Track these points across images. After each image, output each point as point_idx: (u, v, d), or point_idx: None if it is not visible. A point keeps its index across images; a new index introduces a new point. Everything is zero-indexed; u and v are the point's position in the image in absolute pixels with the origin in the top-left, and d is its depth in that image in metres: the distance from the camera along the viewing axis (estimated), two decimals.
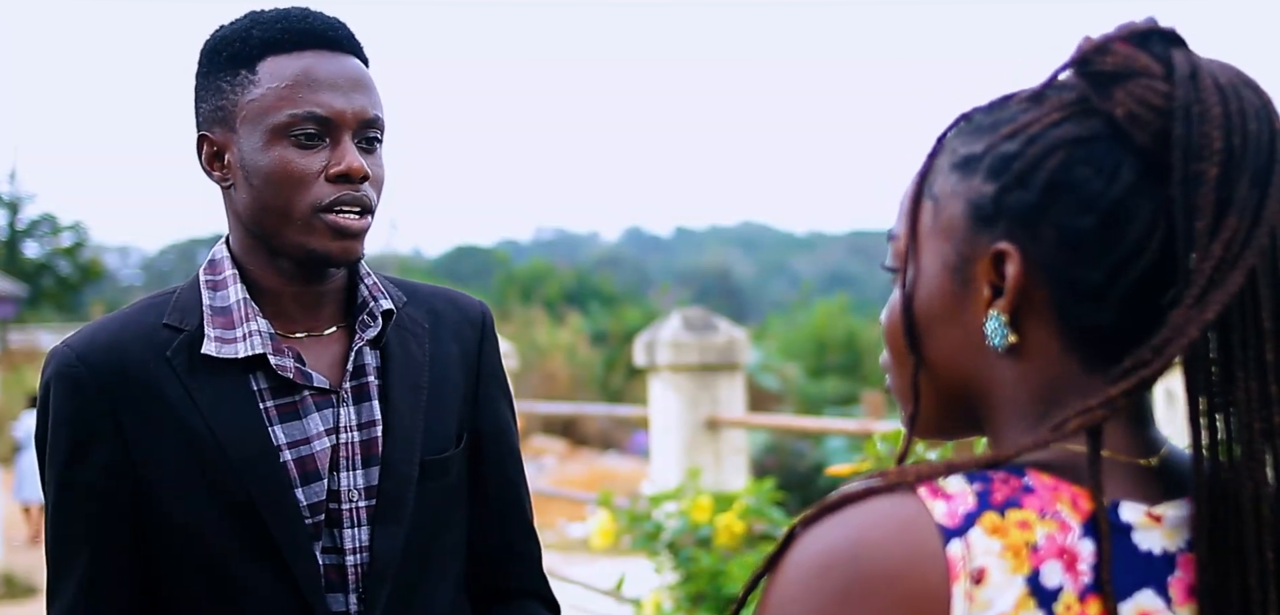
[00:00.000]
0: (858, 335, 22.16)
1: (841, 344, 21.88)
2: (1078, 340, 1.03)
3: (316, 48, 1.75)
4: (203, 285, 1.80)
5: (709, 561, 4.90)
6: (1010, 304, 1.03)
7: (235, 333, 1.75)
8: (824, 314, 22.85)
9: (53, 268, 33.28)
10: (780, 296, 46.56)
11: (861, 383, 19.22)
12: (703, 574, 4.89)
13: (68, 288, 33.54)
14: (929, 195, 1.09)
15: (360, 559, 1.78)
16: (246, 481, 1.71)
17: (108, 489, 1.72)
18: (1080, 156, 1.01)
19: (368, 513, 1.79)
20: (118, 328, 1.77)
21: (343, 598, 1.77)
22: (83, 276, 33.85)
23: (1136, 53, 1.02)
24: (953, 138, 1.09)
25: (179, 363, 1.73)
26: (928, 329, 1.09)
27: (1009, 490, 0.97)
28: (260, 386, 1.75)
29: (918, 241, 1.09)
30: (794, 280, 51.14)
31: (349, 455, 1.78)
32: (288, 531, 1.72)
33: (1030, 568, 0.95)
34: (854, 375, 20.81)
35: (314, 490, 1.75)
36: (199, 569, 1.73)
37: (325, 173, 1.72)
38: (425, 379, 1.86)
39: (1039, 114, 1.04)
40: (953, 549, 0.94)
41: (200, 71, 1.79)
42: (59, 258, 33.64)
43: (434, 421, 1.85)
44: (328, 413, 1.78)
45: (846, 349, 21.78)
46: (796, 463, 13.33)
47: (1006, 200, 1.03)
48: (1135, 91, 1.00)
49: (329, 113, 1.72)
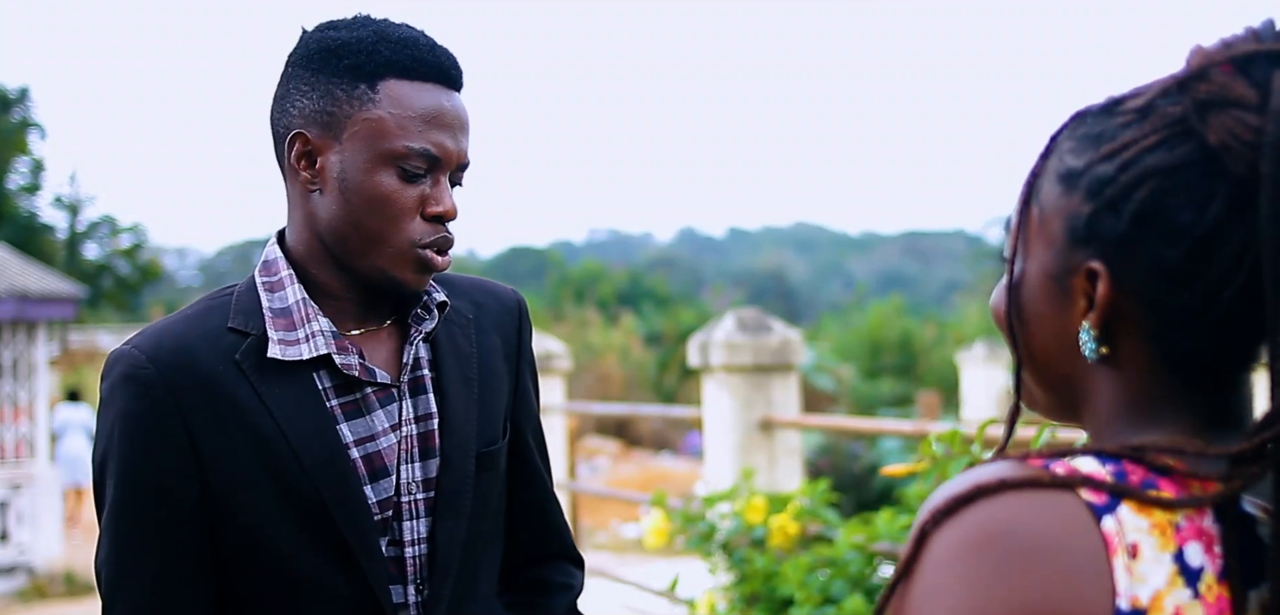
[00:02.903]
0: (912, 336, 22.07)
1: (896, 345, 21.79)
2: (1170, 360, 1.04)
3: (438, 82, 1.75)
4: (260, 287, 1.79)
5: (763, 562, 4.89)
6: (1099, 320, 1.04)
7: (297, 334, 1.75)
8: (878, 315, 22.77)
9: (112, 269, 33.59)
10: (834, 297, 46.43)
11: (916, 383, 19.14)
12: (757, 575, 4.88)
13: (127, 289, 33.84)
14: (1036, 201, 1.10)
15: (418, 551, 1.79)
16: (319, 482, 1.71)
17: (178, 492, 1.71)
18: (1171, 185, 1.01)
19: (426, 505, 1.80)
20: (183, 331, 1.76)
21: (402, 590, 1.78)
22: (142, 278, 34.16)
23: (1234, 80, 1.00)
24: (1063, 140, 1.09)
25: (248, 366, 1.73)
26: (1031, 324, 1.11)
27: (1142, 472, 0.98)
28: (324, 385, 1.75)
29: (1026, 242, 1.11)
30: (848, 281, 50.99)
31: (408, 449, 1.79)
32: (358, 530, 1.73)
33: (1176, 546, 0.96)
34: (908, 376, 20.73)
35: (382, 486, 1.76)
36: (268, 569, 1.73)
37: (422, 209, 1.73)
38: (475, 372, 1.88)
39: (1138, 134, 1.03)
40: (1107, 525, 0.95)
41: (306, 66, 1.76)
42: (118, 259, 33.95)
43: (485, 414, 1.87)
44: (392, 408, 1.79)
45: (901, 350, 21.70)
46: (851, 464, 13.29)
47: (1098, 224, 1.04)
48: (1227, 123, 0.99)
49: (440, 153, 1.73)
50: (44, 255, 26.10)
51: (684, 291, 40.16)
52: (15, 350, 13.66)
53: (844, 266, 72.48)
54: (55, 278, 14.74)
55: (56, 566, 13.49)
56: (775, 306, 34.79)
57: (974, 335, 19.08)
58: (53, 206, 32.80)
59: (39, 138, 32.75)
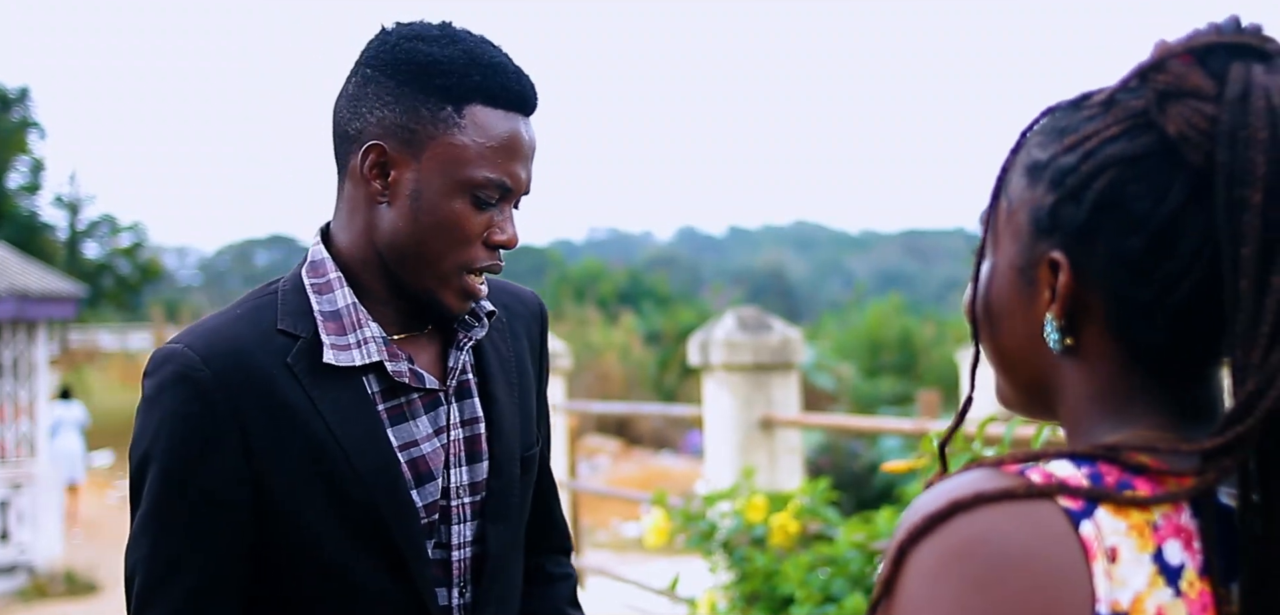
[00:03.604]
0: (912, 334, 22.07)
1: (896, 343, 21.80)
2: (1135, 351, 1.04)
3: (520, 111, 1.74)
4: (309, 289, 1.76)
5: (763, 561, 4.89)
6: (1060, 311, 1.04)
7: (348, 339, 1.74)
8: (878, 313, 22.77)
9: (112, 268, 33.56)
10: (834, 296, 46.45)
11: (916, 382, 19.14)
12: (757, 574, 4.89)
13: (127, 288, 33.81)
14: (1005, 195, 1.10)
15: (464, 554, 1.80)
16: (371, 487, 1.70)
17: (228, 495, 1.68)
18: (1131, 175, 1.01)
19: (473, 509, 1.81)
20: (235, 331, 1.72)
21: (446, 592, 1.79)
22: (142, 277, 34.12)
23: (1191, 70, 1.01)
24: (1032, 135, 1.09)
25: (300, 370, 1.71)
26: (999, 319, 1.11)
27: (1117, 473, 0.98)
28: (373, 390, 1.75)
29: (994, 236, 1.11)
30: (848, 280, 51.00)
31: (456, 453, 1.80)
32: (408, 534, 1.73)
33: (1154, 546, 0.96)
34: (908, 374, 20.73)
35: (428, 490, 1.76)
36: (318, 573, 1.72)
37: (486, 236, 1.73)
38: (514, 376, 1.89)
39: (1101, 125, 1.04)
40: (1085, 530, 0.94)
41: (390, 75, 1.72)
42: (118, 258, 33.92)
43: (525, 417, 1.89)
44: (436, 413, 1.78)
45: (901, 348, 21.70)
46: (851, 462, 13.29)
47: (1060, 214, 1.04)
48: (1184, 113, 0.99)
49: (513, 183, 1.73)
50: (44, 255, 26.08)
51: (684, 290, 40.16)
52: (15, 350, 13.66)
53: (844, 265, 72.48)
54: (55, 277, 14.74)
55: (56, 566, 13.49)
56: (775, 305, 34.79)
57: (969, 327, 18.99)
58: (53, 206, 32.81)
59: (39, 138, 32.73)
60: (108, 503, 18.83)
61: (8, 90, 30.40)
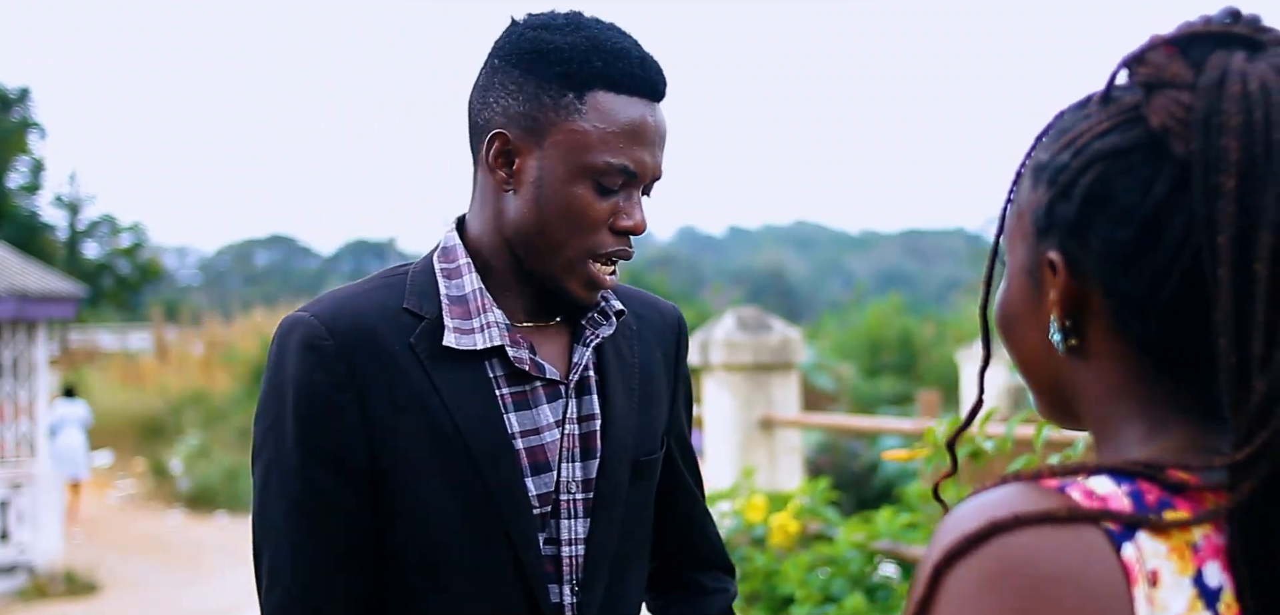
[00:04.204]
0: (912, 335, 22.05)
1: (896, 343, 21.77)
2: (1137, 349, 1.03)
3: (644, 96, 1.74)
4: (438, 273, 1.79)
5: (763, 561, 4.89)
6: (1060, 311, 1.05)
7: (472, 323, 1.75)
8: (878, 313, 22.74)
9: (112, 268, 33.54)
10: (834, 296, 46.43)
11: (916, 382, 19.13)
12: (757, 574, 4.89)
13: (127, 288, 33.80)
14: (1016, 198, 1.11)
15: (575, 551, 1.80)
16: (485, 471, 1.71)
17: (347, 464, 1.70)
18: (1118, 168, 1.01)
19: (584, 505, 1.81)
20: (361, 305, 1.75)
21: (557, 589, 1.79)
22: (142, 277, 34.11)
23: (1170, 61, 1.01)
24: (1041, 140, 1.10)
25: (422, 349, 1.73)
26: (1015, 326, 1.11)
27: (1158, 490, 0.96)
28: (495, 374, 1.76)
29: (1009, 243, 1.12)
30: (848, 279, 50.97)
31: (571, 447, 1.80)
32: (519, 521, 1.73)
33: (1195, 568, 0.94)
34: (908, 375, 20.71)
35: (543, 480, 1.76)
36: (428, 554, 1.73)
37: (612, 222, 1.74)
38: (636, 381, 1.89)
39: (1094, 123, 1.04)
40: (1127, 552, 0.93)
41: (514, 64, 1.74)
42: (118, 258, 33.92)
43: (645, 423, 1.89)
44: (557, 404, 1.79)
45: (901, 348, 21.67)
46: (851, 462, 13.27)
47: (1056, 211, 1.04)
48: (1165, 102, 0.99)
49: (638, 168, 1.73)
50: (44, 255, 26.08)
51: (684, 290, 40.10)
52: (15, 349, 13.65)
53: (844, 265, 72.43)
54: (55, 277, 14.74)
55: (57, 566, 13.49)
56: (775, 305, 34.75)
57: (974, 334, 19.08)
58: (53, 206, 32.80)
59: (39, 138, 32.70)
60: (108, 503, 18.83)
61: (8, 90, 30.39)
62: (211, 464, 18.63)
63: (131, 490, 19.58)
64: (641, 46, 1.77)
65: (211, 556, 14.59)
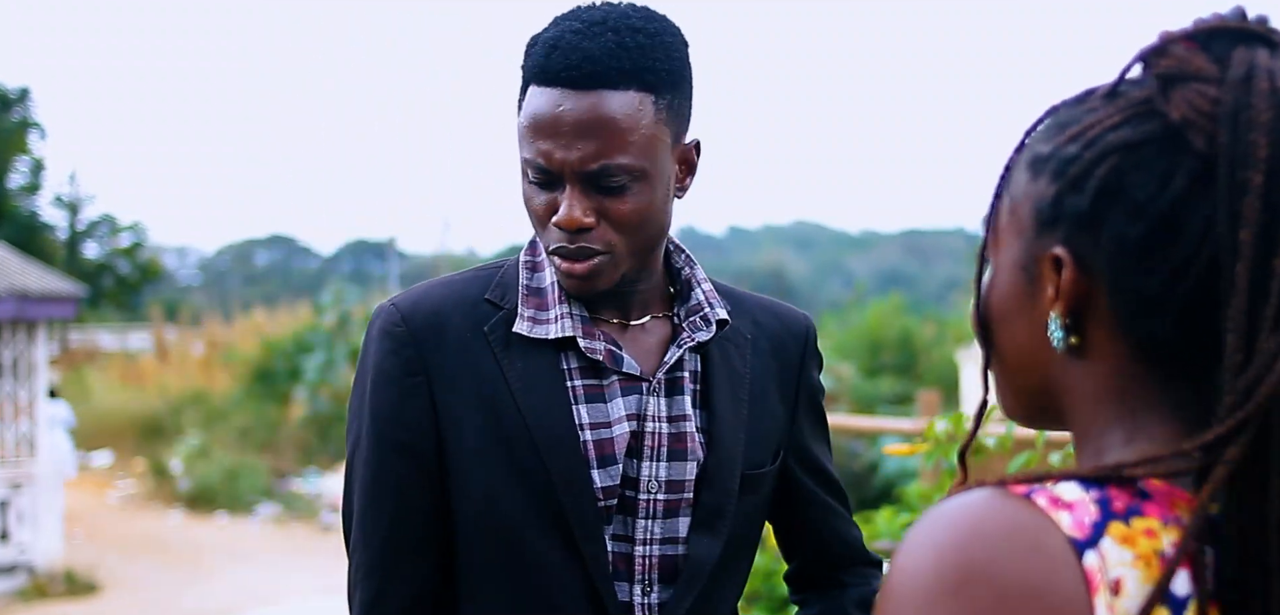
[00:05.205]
0: (912, 334, 22.04)
1: (896, 343, 21.76)
2: (1141, 348, 1.02)
3: (558, 85, 1.68)
4: (521, 266, 1.82)
5: (763, 561, 4.89)
6: (1064, 308, 1.03)
7: (548, 314, 1.77)
8: (878, 313, 22.73)
9: (112, 268, 33.56)
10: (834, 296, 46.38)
11: (916, 382, 19.11)
12: (757, 573, 4.88)
13: (127, 288, 33.82)
14: (1007, 193, 1.09)
15: (650, 551, 1.79)
16: (545, 458, 1.72)
17: (419, 449, 1.75)
18: (1133, 162, 1.00)
19: (665, 507, 1.79)
20: (442, 295, 1.80)
21: (628, 588, 1.79)
22: (142, 277, 34.13)
23: (1194, 54, 1.00)
24: (1036, 133, 1.09)
25: (495, 338, 1.76)
26: (1002, 324, 1.09)
27: (1127, 497, 0.95)
28: (570, 366, 1.77)
29: (997, 237, 1.10)
30: (848, 279, 50.91)
31: (654, 446, 1.78)
32: (580, 511, 1.74)
33: (1161, 576, 0.93)
34: (908, 374, 20.70)
35: (609, 473, 1.76)
36: (495, 541, 1.75)
37: (554, 218, 1.72)
38: (746, 392, 1.86)
39: (1103, 115, 1.03)
40: (1089, 560, 0.92)
41: None
42: (118, 258, 33.93)
43: (754, 435, 1.86)
44: (632, 399, 1.78)
45: (901, 348, 21.66)
46: (851, 462, 13.26)
47: (1064, 204, 1.03)
48: (1188, 96, 0.98)
49: (547, 163, 1.69)
50: (44, 255, 26.07)
51: None
52: (15, 350, 13.65)
53: (844, 265, 72.36)
54: (55, 277, 14.74)
55: (56, 566, 13.48)
56: None
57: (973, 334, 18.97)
58: (53, 206, 32.83)
59: (39, 138, 32.69)
60: (108, 502, 18.82)
61: (8, 90, 30.40)
62: (211, 464, 18.61)
63: (131, 490, 19.56)
64: (596, 33, 1.70)
65: (211, 556, 14.58)
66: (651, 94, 1.70)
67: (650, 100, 1.70)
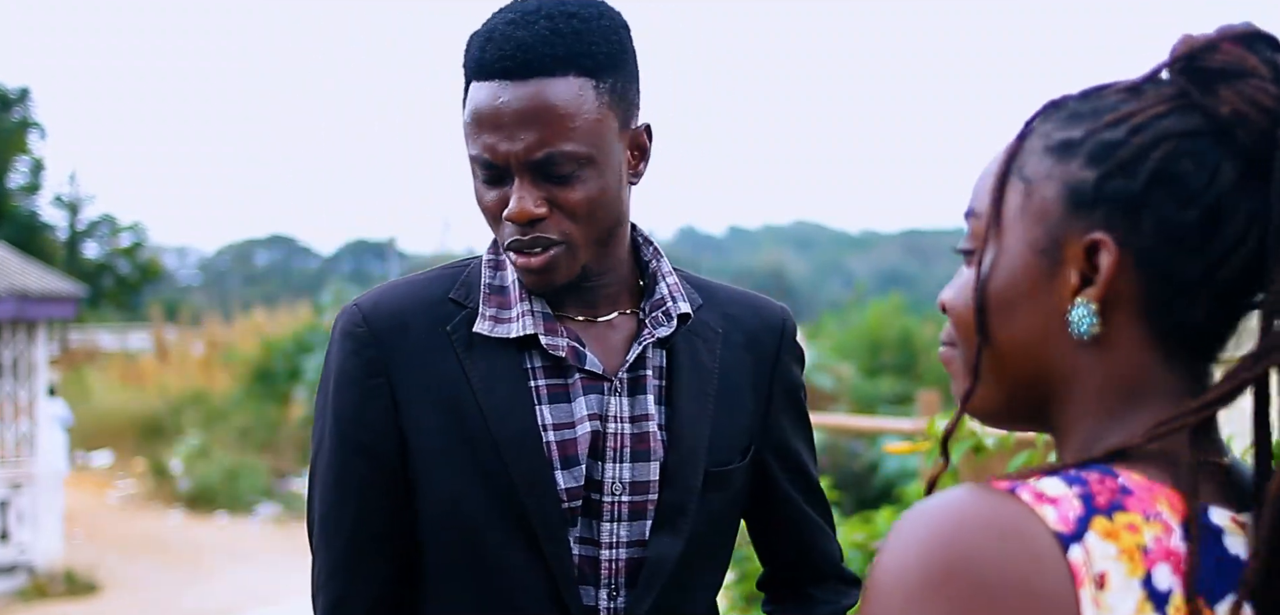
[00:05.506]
0: (913, 334, 22.03)
1: (896, 343, 21.75)
2: (1162, 335, 1.03)
3: (495, 78, 1.65)
4: (485, 265, 1.80)
5: None
6: (1102, 293, 1.03)
7: (510, 313, 1.75)
8: (878, 313, 22.72)
9: (112, 268, 33.55)
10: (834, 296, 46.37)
11: (916, 382, 19.11)
12: (757, 573, 4.88)
13: (127, 288, 33.81)
14: (1019, 176, 1.08)
15: (616, 555, 1.77)
16: (507, 459, 1.70)
17: (380, 450, 1.73)
18: (1185, 149, 1.01)
19: (630, 508, 1.77)
20: (404, 295, 1.78)
21: (594, 592, 1.76)
22: (142, 277, 34.12)
23: (1246, 53, 1.02)
24: (1044, 122, 1.08)
25: (457, 338, 1.74)
26: (1005, 311, 1.08)
27: (1109, 492, 0.96)
28: (533, 365, 1.75)
29: (1001, 222, 1.08)
30: (848, 279, 50.89)
31: (616, 446, 1.76)
32: (543, 513, 1.71)
33: (1144, 571, 0.94)
34: (909, 374, 20.69)
35: (573, 475, 1.73)
36: (457, 541, 1.73)
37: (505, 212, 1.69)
38: (713, 388, 1.82)
39: (1142, 105, 1.04)
40: (1074, 555, 0.92)
41: None
42: (118, 258, 33.92)
43: (720, 432, 1.82)
44: (594, 398, 1.76)
45: (901, 348, 21.65)
46: (851, 462, 13.25)
47: (1107, 187, 1.03)
48: (1245, 91, 1.00)
49: (493, 157, 1.66)
50: (44, 255, 26.06)
51: None
52: (15, 350, 13.65)
53: (844, 265, 72.35)
54: (55, 277, 14.74)
55: (56, 566, 13.48)
56: None
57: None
58: (53, 206, 32.82)
59: (39, 138, 32.69)
60: (108, 502, 18.82)
61: (8, 90, 30.39)
62: (211, 464, 18.62)
63: (131, 490, 19.57)
64: (530, 22, 1.66)
65: (211, 556, 14.59)
66: (592, 78, 1.67)
67: (591, 85, 1.67)
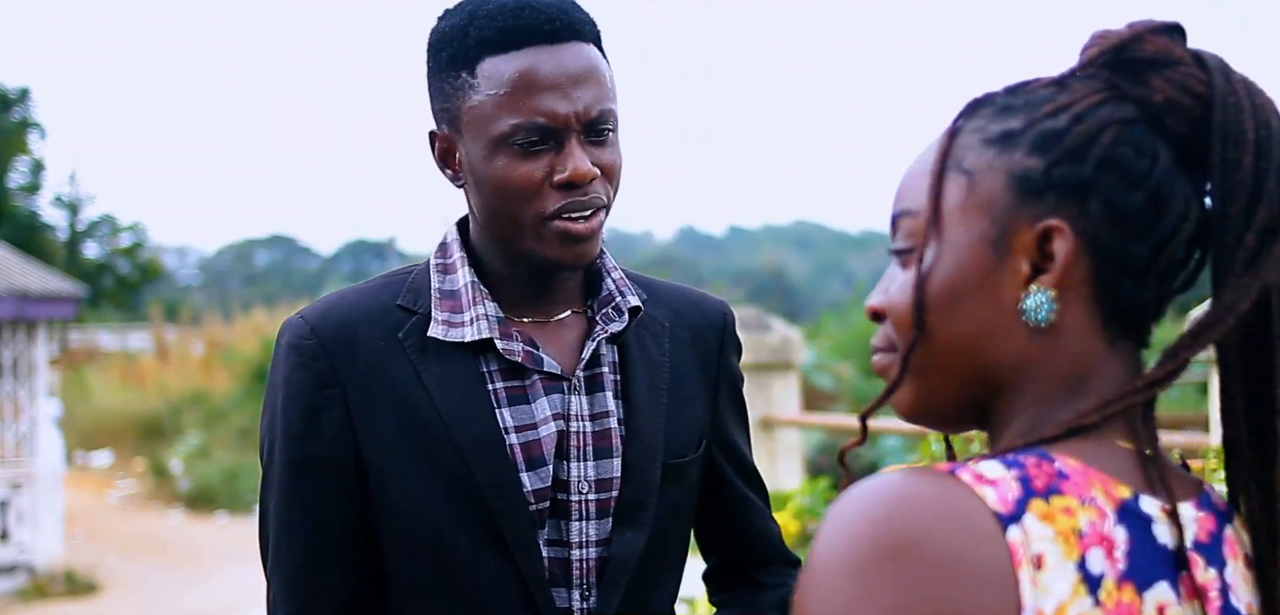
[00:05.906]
0: None
1: None
2: (1110, 318, 1.05)
3: (536, 43, 1.65)
4: (432, 269, 1.78)
5: None
6: (1058, 279, 1.04)
7: (463, 316, 1.73)
8: None
9: (112, 268, 33.50)
10: (834, 295, 46.34)
11: None
12: None
13: (127, 288, 33.76)
14: (958, 170, 1.08)
15: (587, 554, 1.75)
16: (471, 463, 1.68)
17: (335, 462, 1.71)
18: (1126, 136, 1.03)
19: (597, 507, 1.76)
20: (352, 304, 1.75)
21: (566, 593, 1.75)
22: (142, 277, 34.07)
23: (1171, 43, 1.04)
24: (973, 118, 1.09)
25: (410, 344, 1.72)
26: (949, 306, 1.07)
27: (1046, 477, 0.97)
28: (490, 369, 1.73)
29: (941, 218, 1.08)
30: (848, 279, 50.89)
31: (579, 445, 1.75)
32: (511, 517, 1.69)
33: (1079, 554, 0.96)
34: None
35: (539, 476, 1.72)
36: (424, 551, 1.71)
37: (551, 179, 1.66)
38: (665, 381, 1.83)
39: (1076, 96, 1.05)
40: (1012, 535, 0.94)
41: (427, 63, 1.74)
42: (118, 258, 33.88)
43: (674, 425, 1.83)
44: (556, 398, 1.75)
45: None
46: (851, 462, 13.27)
47: (1056, 173, 1.04)
48: (1175, 78, 1.03)
49: (548, 119, 1.64)
50: (44, 255, 26.03)
51: None
52: (15, 350, 13.66)
53: (844, 265, 72.27)
54: (55, 277, 14.74)
55: (56, 566, 13.48)
56: (775, 305, 34.69)
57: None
58: (53, 206, 32.76)
59: (39, 138, 32.65)
60: (108, 502, 18.82)
61: (8, 90, 30.37)
62: (211, 464, 18.62)
63: (131, 490, 19.57)
64: None
65: (211, 556, 14.59)
66: (601, 49, 1.73)
67: (602, 54, 1.73)
